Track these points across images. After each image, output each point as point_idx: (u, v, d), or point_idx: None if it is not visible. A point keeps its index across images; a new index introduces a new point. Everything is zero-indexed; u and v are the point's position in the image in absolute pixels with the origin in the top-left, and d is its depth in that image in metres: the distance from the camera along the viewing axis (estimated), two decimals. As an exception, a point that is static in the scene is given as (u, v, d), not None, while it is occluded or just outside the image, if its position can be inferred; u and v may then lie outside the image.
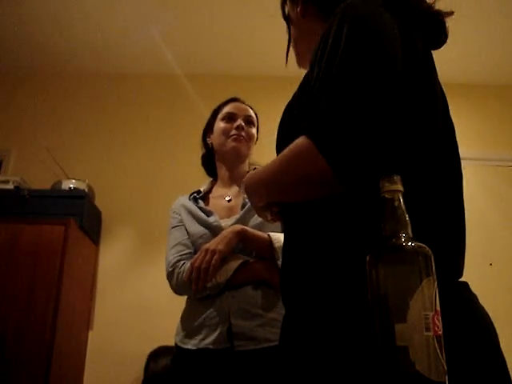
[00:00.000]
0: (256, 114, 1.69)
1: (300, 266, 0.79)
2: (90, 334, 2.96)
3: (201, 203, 1.58)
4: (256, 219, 1.44)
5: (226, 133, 1.59)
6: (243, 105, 1.67)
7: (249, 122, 1.63)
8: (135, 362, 2.75)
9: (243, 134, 1.59)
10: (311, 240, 0.77)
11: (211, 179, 1.70)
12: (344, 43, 0.72)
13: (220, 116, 1.64)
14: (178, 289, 1.46)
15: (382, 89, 0.68)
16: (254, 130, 1.65)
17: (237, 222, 1.46)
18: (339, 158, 0.67)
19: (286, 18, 1.04)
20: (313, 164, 0.69)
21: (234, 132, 1.58)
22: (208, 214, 1.52)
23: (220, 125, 1.61)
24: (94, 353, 2.91)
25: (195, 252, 1.48)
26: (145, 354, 2.72)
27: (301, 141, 0.71)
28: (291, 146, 0.73)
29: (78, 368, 2.81)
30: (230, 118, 1.61)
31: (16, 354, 2.36)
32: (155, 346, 2.75)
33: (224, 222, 1.49)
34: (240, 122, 1.59)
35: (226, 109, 1.64)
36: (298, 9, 0.96)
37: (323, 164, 0.67)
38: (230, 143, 1.57)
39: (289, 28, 1.03)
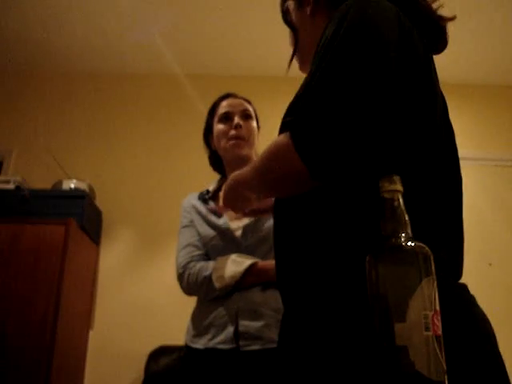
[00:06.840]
0: (253, 105, 1.64)
1: (299, 267, 0.78)
2: (91, 333, 2.96)
3: (211, 204, 1.55)
4: (270, 220, 1.38)
5: (224, 134, 1.55)
6: (237, 99, 1.62)
7: (246, 116, 1.58)
8: (135, 362, 2.75)
9: (243, 133, 1.54)
10: (310, 240, 0.77)
11: (219, 177, 1.65)
12: (339, 40, 0.71)
13: (216, 118, 1.60)
14: (188, 290, 1.47)
15: (370, 89, 0.67)
16: (253, 124, 1.60)
17: (249, 224, 1.45)
18: (314, 158, 0.67)
19: (289, 21, 1.00)
20: (290, 163, 0.70)
21: (232, 133, 1.53)
22: (218, 215, 1.50)
23: (218, 127, 1.57)
24: (95, 352, 2.91)
25: (206, 253, 1.48)
26: (145, 354, 2.72)
27: (281, 138, 0.72)
28: (272, 143, 0.74)
29: (79, 368, 2.81)
30: (227, 117, 1.57)
31: (16, 353, 2.36)
32: (155, 345, 2.75)
33: (234, 224, 1.47)
34: (237, 120, 1.55)
35: (221, 108, 1.59)
36: (308, 7, 0.94)
37: (299, 163, 0.68)
38: (231, 150, 1.53)
39: (294, 33, 0.99)
